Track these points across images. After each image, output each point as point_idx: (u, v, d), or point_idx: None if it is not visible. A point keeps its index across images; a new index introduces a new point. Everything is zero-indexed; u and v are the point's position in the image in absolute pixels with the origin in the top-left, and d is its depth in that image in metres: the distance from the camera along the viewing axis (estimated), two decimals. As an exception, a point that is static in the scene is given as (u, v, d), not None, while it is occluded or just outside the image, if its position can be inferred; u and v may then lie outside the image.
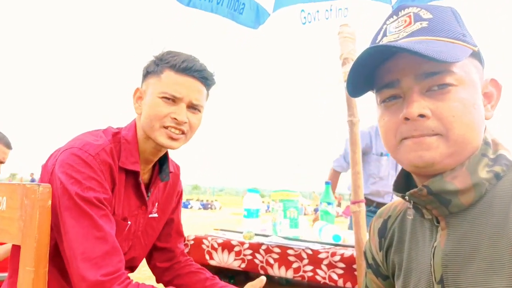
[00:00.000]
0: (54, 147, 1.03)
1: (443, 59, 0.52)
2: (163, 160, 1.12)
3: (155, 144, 1.03)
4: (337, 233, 1.51)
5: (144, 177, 1.09)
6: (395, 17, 0.63)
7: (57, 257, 0.94)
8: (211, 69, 1.05)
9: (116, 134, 1.03)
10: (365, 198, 2.50)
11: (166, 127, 0.99)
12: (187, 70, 1.00)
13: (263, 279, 0.96)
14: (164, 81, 0.99)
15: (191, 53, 1.06)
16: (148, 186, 1.11)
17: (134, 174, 1.03)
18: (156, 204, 1.15)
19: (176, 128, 0.99)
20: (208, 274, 1.16)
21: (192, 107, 1.02)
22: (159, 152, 1.07)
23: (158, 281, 1.24)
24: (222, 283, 1.10)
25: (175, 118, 0.99)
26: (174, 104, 0.99)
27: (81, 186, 0.90)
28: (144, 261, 1.25)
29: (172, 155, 1.23)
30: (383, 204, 2.33)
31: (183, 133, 1.01)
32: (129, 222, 1.04)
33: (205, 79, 1.03)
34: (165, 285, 1.20)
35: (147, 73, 1.04)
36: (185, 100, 1.00)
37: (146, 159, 1.06)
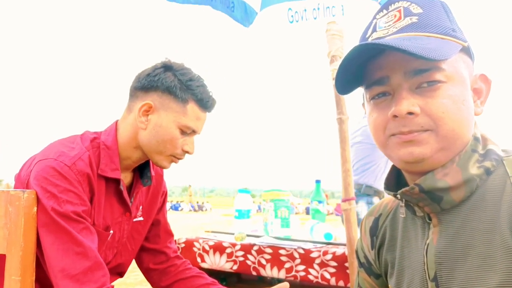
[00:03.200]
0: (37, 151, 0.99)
1: (432, 57, 0.52)
2: (144, 163, 1.10)
3: (142, 156, 1.02)
4: (329, 231, 1.51)
5: (125, 180, 1.06)
6: (385, 11, 0.62)
7: (36, 268, 0.90)
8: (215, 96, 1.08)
9: (94, 139, 0.99)
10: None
11: (173, 156, 1.02)
12: (208, 108, 1.04)
13: (286, 285, 0.95)
14: (189, 114, 1.00)
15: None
16: (130, 190, 1.08)
17: (115, 181, 1.00)
18: (141, 207, 1.12)
19: (181, 158, 1.03)
20: (209, 278, 1.14)
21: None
22: (143, 161, 1.06)
23: (154, 286, 1.20)
24: None
25: (187, 151, 1.02)
26: (187, 135, 1.02)
27: (57, 200, 0.86)
28: (135, 266, 1.22)
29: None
30: None
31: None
32: (111, 231, 1.01)
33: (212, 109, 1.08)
34: None
35: (166, 91, 0.98)
36: (197, 133, 1.04)
37: (129, 165, 1.04)
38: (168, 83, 0.98)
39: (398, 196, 0.62)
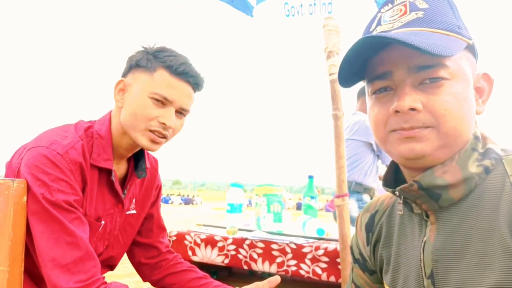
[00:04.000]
0: (26, 140, 0.97)
1: (438, 53, 0.52)
2: (139, 155, 1.08)
3: (131, 141, 0.98)
4: (321, 226, 1.52)
5: (119, 172, 1.04)
6: (390, 5, 0.62)
7: (25, 257, 0.89)
8: (203, 74, 1.02)
9: (88, 129, 0.97)
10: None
11: (150, 131, 0.95)
12: (183, 75, 0.96)
13: (277, 278, 0.94)
14: (157, 81, 0.94)
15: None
16: (124, 182, 1.06)
17: (108, 172, 0.98)
18: (134, 200, 1.10)
19: (160, 133, 0.96)
20: (200, 272, 1.13)
21: (180, 112, 0.99)
22: (135, 149, 1.03)
23: (145, 280, 1.19)
24: (216, 282, 1.07)
25: (163, 123, 0.95)
26: (163, 106, 0.95)
27: (48, 188, 0.85)
28: (124, 258, 1.21)
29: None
30: None
31: (165, 137, 0.97)
32: (102, 222, 1.00)
33: (197, 85, 1.00)
34: (153, 284, 1.16)
35: (136, 66, 0.97)
36: (175, 104, 0.96)
37: (121, 154, 1.01)
38: (137, 57, 0.97)
39: (397, 192, 0.61)
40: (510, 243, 0.51)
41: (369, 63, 0.62)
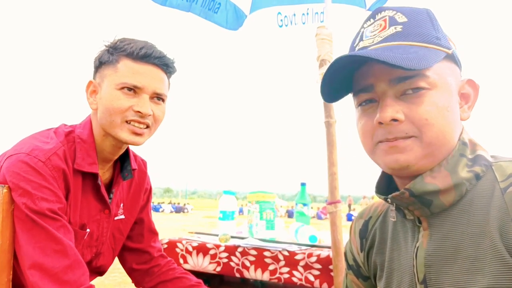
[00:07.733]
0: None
1: (411, 67, 0.53)
2: (124, 157, 1.05)
3: (115, 142, 0.95)
4: (313, 233, 1.52)
5: (104, 177, 1.01)
6: (372, 21, 0.64)
7: None
8: (171, 55, 0.97)
9: (69, 134, 0.95)
10: None
11: (128, 122, 0.91)
12: (146, 58, 0.92)
13: None
14: (121, 71, 0.91)
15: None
16: (109, 187, 1.03)
17: (93, 176, 0.95)
18: (122, 205, 1.07)
19: (140, 122, 0.91)
20: (193, 279, 1.11)
21: (155, 97, 0.94)
22: (119, 150, 0.99)
23: (137, 286, 1.16)
24: None
25: (138, 111, 0.90)
26: (136, 95, 0.91)
27: (31, 197, 0.82)
28: (114, 267, 1.19)
29: (144, 157, 1.17)
30: None
31: (147, 126, 0.93)
32: (88, 230, 0.97)
33: (166, 66, 0.96)
34: None
35: (100, 64, 0.95)
36: (147, 90, 0.92)
37: (105, 158, 0.98)
38: (100, 55, 0.96)
39: (389, 200, 0.62)
40: (501, 247, 0.52)
41: (354, 76, 0.65)
